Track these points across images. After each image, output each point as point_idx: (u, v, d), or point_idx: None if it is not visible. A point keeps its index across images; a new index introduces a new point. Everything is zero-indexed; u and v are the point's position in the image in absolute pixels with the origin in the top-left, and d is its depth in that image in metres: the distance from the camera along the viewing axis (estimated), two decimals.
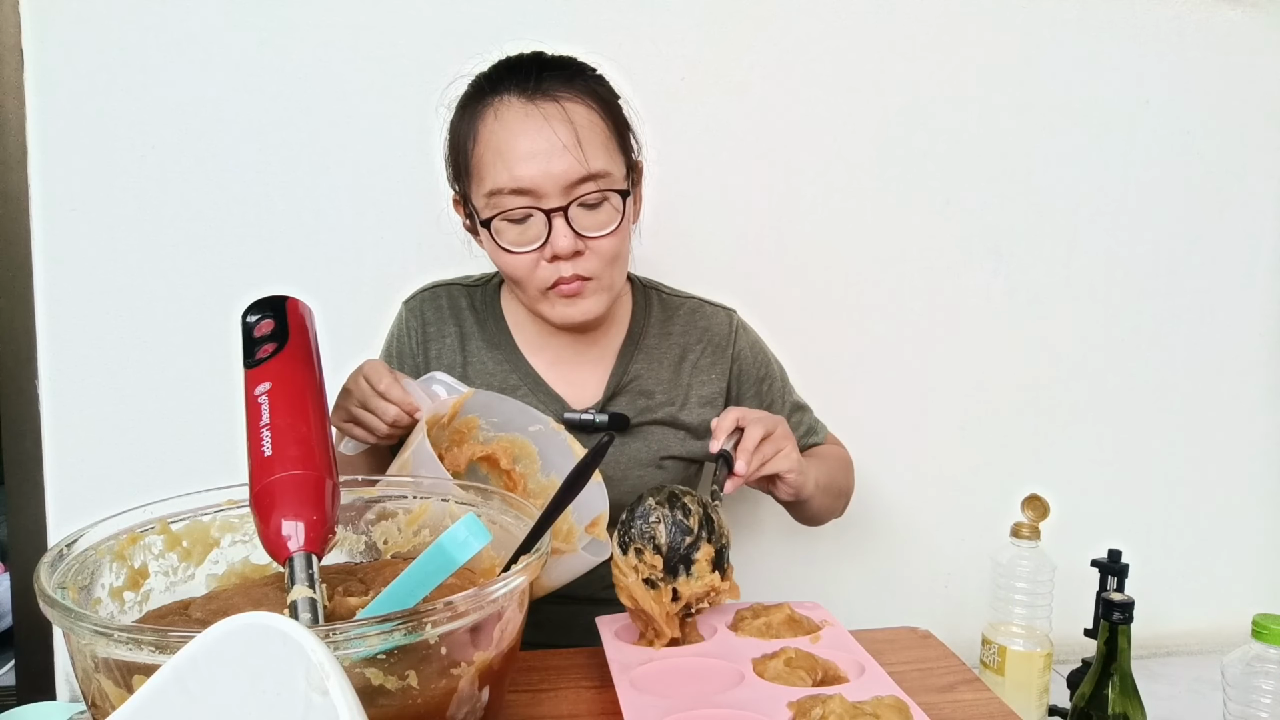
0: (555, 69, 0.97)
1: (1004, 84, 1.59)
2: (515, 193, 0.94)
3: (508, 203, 0.95)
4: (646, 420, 1.13)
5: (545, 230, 0.95)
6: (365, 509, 0.80)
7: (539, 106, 0.94)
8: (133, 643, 0.48)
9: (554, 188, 0.94)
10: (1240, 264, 1.73)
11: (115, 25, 1.34)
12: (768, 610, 0.92)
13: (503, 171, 0.94)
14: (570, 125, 0.94)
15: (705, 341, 1.18)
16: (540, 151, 0.93)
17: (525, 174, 0.93)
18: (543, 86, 0.95)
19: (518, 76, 0.96)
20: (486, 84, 0.97)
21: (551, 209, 0.95)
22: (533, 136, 0.93)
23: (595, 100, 0.98)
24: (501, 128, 0.94)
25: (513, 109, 0.94)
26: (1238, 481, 1.78)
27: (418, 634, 0.51)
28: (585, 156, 0.94)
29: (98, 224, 1.37)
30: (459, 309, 1.15)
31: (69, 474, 1.40)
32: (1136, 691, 0.81)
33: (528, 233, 0.97)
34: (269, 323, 0.70)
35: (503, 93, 0.95)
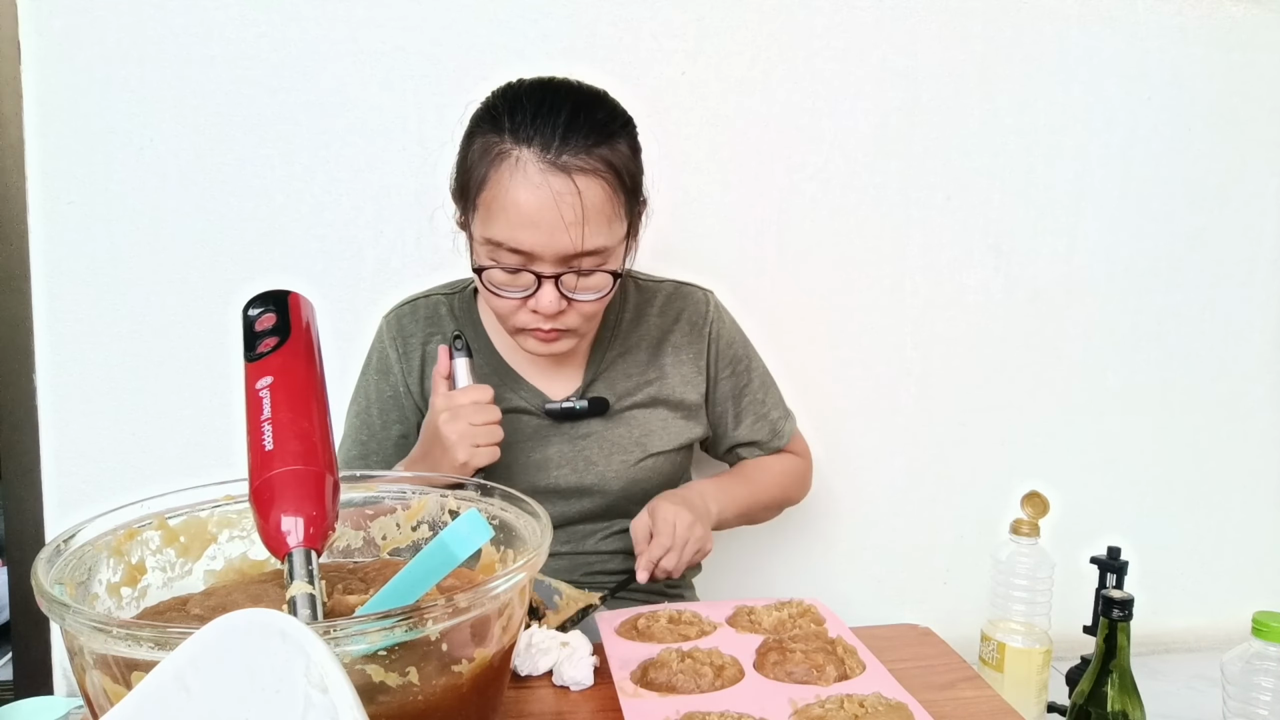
0: (579, 130, 0.94)
1: (1005, 80, 1.59)
2: (513, 251, 0.96)
3: (504, 257, 0.97)
4: (627, 405, 1.15)
5: (534, 286, 0.98)
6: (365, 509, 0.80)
7: (552, 179, 0.93)
8: (131, 639, 0.48)
9: (550, 257, 0.96)
10: (1241, 260, 1.73)
11: (113, 18, 1.33)
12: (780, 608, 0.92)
13: (505, 229, 0.95)
14: (579, 203, 0.94)
15: (683, 321, 1.19)
16: (544, 224, 0.94)
17: (526, 240, 0.95)
18: (564, 154, 0.93)
19: (541, 133, 0.93)
20: (508, 122, 0.95)
21: (544, 274, 0.97)
22: (540, 208, 0.93)
23: (610, 171, 0.96)
24: (514, 187, 0.94)
25: (528, 173, 0.93)
26: (1238, 479, 1.78)
27: (419, 630, 0.51)
28: (586, 235, 0.95)
29: (96, 218, 1.36)
30: (438, 316, 1.16)
31: (66, 469, 1.40)
32: (1136, 689, 0.81)
33: (517, 281, 0.99)
34: (271, 316, 0.70)
35: (524, 145, 0.94)
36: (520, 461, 1.12)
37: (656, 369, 1.17)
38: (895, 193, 1.58)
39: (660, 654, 0.82)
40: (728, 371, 1.21)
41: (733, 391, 1.22)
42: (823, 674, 0.79)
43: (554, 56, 1.43)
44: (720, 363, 1.20)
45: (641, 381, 1.16)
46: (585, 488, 1.12)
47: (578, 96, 0.98)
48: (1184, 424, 1.75)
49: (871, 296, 1.61)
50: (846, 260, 1.59)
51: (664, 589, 1.21)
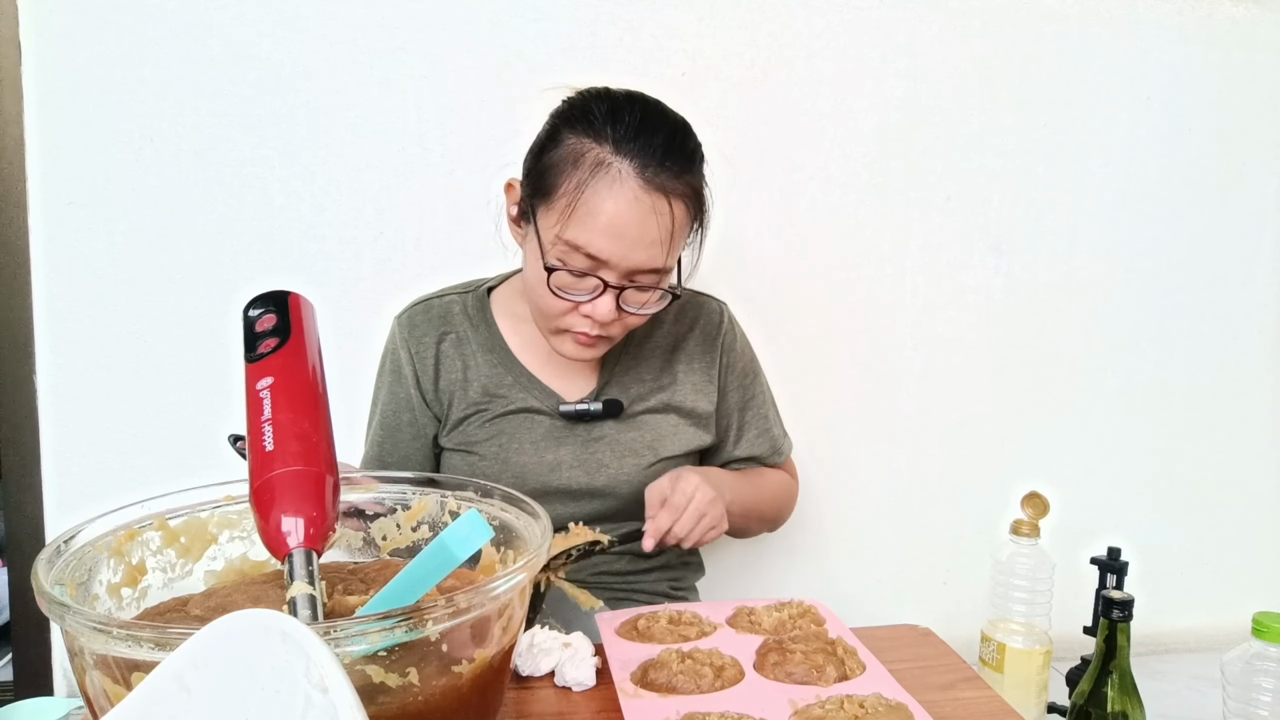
0: (676, 155, 0.97)
1: (1005, 80, 1.59)
2: (588, 258, 0.97)
3: (576, 260, 0.97)
4: (640, 409, 1.15)
5: (594, 291, 0.99)
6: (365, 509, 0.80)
7: (649, 197, 0.95)
8: (131, 639, 0.48)
9: (623, 269, 0.97)
10: (1241, 261, 1.73)
11: (113, 17, 1.33)
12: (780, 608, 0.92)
13: (588, 234, 0.95)
14: (667, 225, 0.96)
15: (697, 330, 1.20)
16: (632, 239, 0.95)
17: (608, 251, 0.96)
18: (661, 174, 0.95)
19: (644, 151, 0.95)
20: (611, 132, 0.96)
21: (610, 283, 0.98)
22: (632, 224, 0.95)
23: (693, 197, 1.00)
24: (609, 197, 0.94)
25: (626, 186, 0.94)
26: (1238, 479, 1.78)
27: (419, 631, 0.51)
28: (664, 255, 0.98)
29: (96, 217, 1.36)
30: (450, 316, 1.16)
31: (67, 469, 1.40)
32: (1136, 689, 0.81)
33: (580, 285, 0.99)
34: (271, 317, 0.70)
35: (625, 157, 0.95)
36: (532, 462, 1.12)
37: (669, 376, 1.17)
38: (895, 193, 1.58)
39: (660, 655, 0.82)
40: (736, 384, 1.22)
41: (739, 404, 1.22)
42: (823, 675, 0.79)
43: (554, 56, 1.44)
44: (730, 374, 1.21)
45: (654, 387, 1.16)
46: (596, 489, 1.12)
47: (673, 122, 1.00)
48: (1184, 424, 1.75)
49: (871, 297, 1.61)
50: (846, 261, 1.59)
51: (668, 590, 1.21)
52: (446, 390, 1.14)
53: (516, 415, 1.12)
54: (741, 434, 1.23)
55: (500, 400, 1.13)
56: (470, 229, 1.46)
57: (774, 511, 1.27)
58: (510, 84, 1.43)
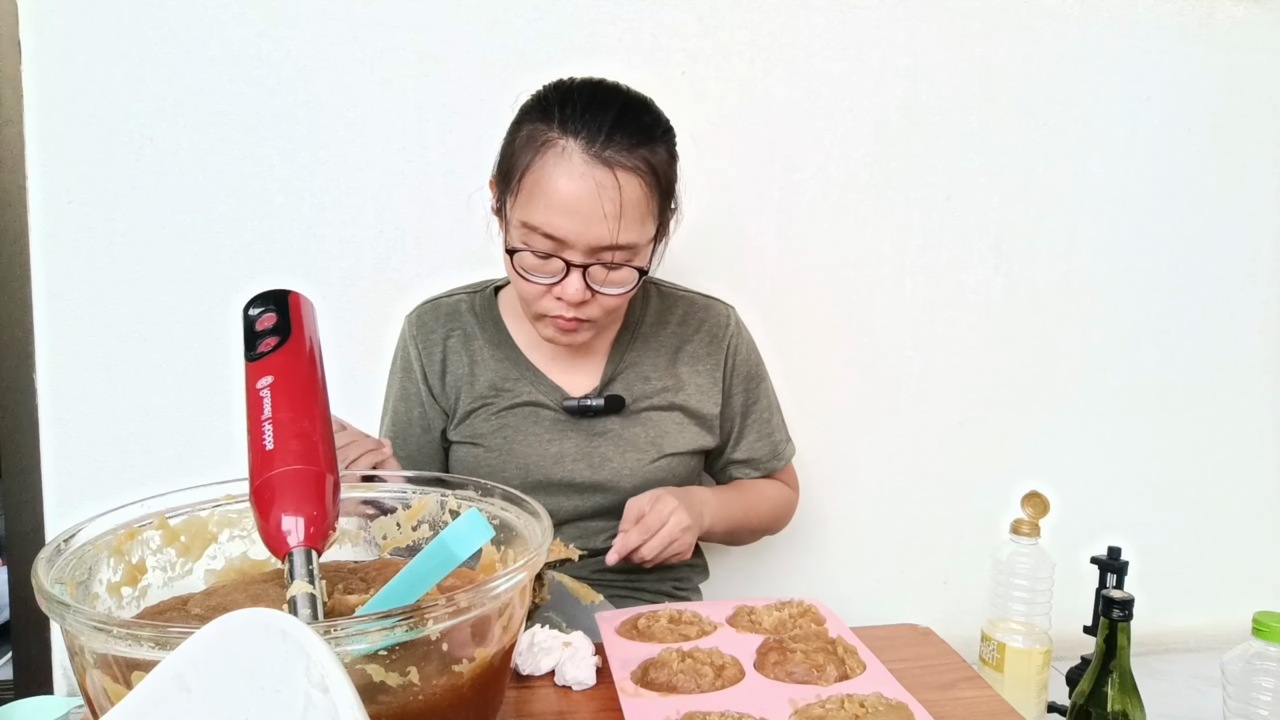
0: (625, 129, 0.98)
1: (1005, 80, 1.59)
2: (546, 236, 0.98)
3: (536, 241, 0.99)
4: (644, 406, 1.16)
5: (562, 272, 1.00)
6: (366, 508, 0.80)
7: (595, 170, 0.96)
8: (131, 638, 0.48)
9: (583, 247, 0.98)
10: (1241, 261, 1.73)
11: (113, 17, 1.33)
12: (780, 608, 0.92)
13: (542, 214, 0.97)
14: (617, 198, 0.97)
15: (703, 332, 1.20)
16: (581, 213, 0.96)
17: (561, 226, 0.97)
18: (608, 148, 0.96)
19: (589, 127, 0.97)
20: (558, 114, 0.98)
21: (573, 263, 0.99)
22: (579, 198, 0.96)
23: (650, 172, 1.00)
24: (556, 174, 0.96)
25: (572, 162, 0.96)
26: (1238, 478, 1.78)
27: (419, 630, 0.51)
28: (620, 229, 0.98)
29: (96, 216, 1.36)
30: (458, 313, 1.18)
31: (67, 468, 1.40)
32: (1136, 689, 0.81)
33: (545, 267, 1.01)
34: (271, 316, 0.70)
35: (570, 135, 0.97)
36: (536, 454, 1.13)
37: (674, 376, 1.18)
38: (895, 193, 1.58)
39: (660, 654, 0.82)
40: (741, 387, 1.22)
41: (742, 407, 1.23)
42: (823, 674, 0.79)
43: (554, 56, 1.44)
44: (735, 377, 1.21)
45: (659, 386, 1.17)
46: (598, 484, 1.13)
47: (626, 98, 1.01)
48: (1184, 424, 1.75)
49: (871, 296, 1.61)
50: (846, 260, 1.59)
51: (671, 590, 1.22)
52: (453, 386, 1.15)
53: (522, 409, 1.13)
54: (742, 436, 1.23)
55: (506, 394, 1.14)
56: (470, 228, 1.45)
57: (765, 524, 1.27)
58: (510, 84, 1.43)
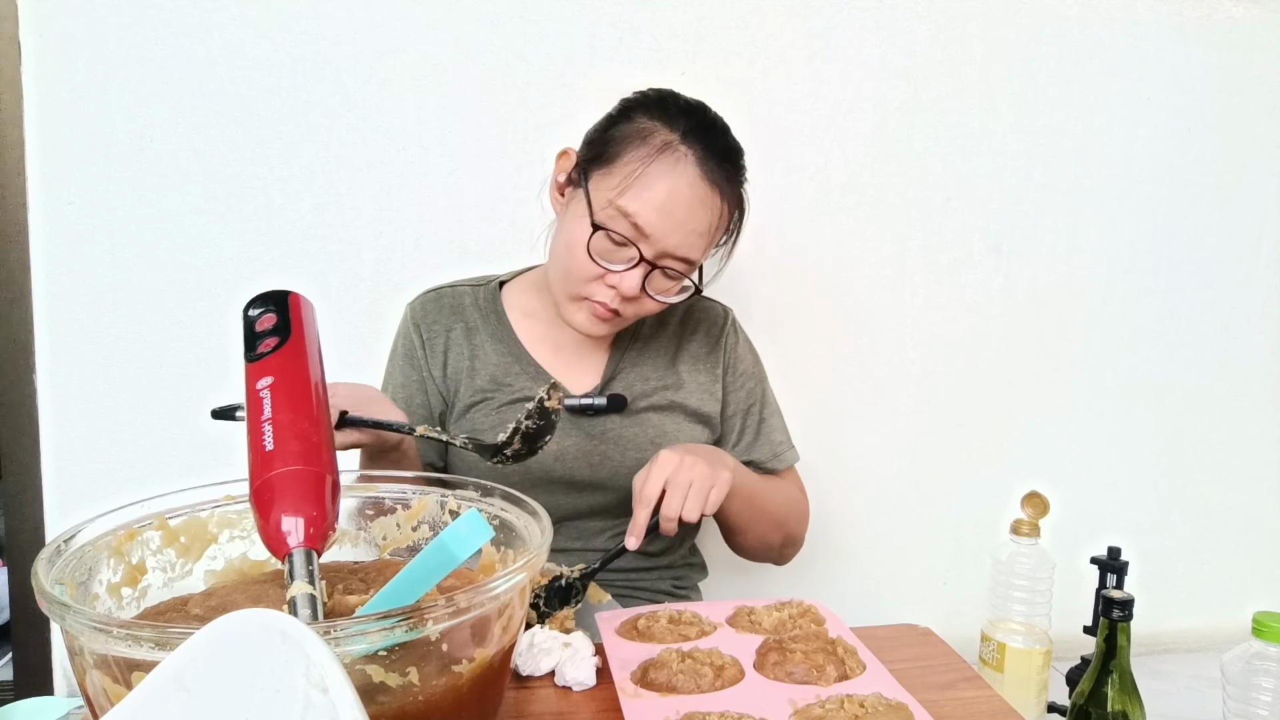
0: (733, 159, 1.04)
1: (1005, 80, 1.59)
2: (634, 227, 1.00)
3: (622, 226, 1.01)
4: (644, 406, 1.16)
5: (627, 264, 1.02)
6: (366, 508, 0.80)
7: (704, 188, 1.01)
8: (131, 639, 0.48)
9: (660, 248, 1.01)
10: (1241, 261, 1.73)
11: (113, 18, 1.33)
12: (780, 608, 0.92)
13: (640, 207, 0.99)
14: (713, 218, 1.03)
15: (701, 332, 1.21)
16: (679, 220, 1.00)
17: (655, 226, 1.00)
18: (719, 171, 1.02)
19: (707, 146, 1.01)
20: (682, 123, 1.02)
21: (645, 259, 1.01)
22: (683, 206, 1.00)
23: (737, 205, 1.07)
24: (668, 179, 0.99)
25: (687, 171, 1.00)
26: (1238, 479, 1.78)
27: (419, 630, 0.51)
28: (701, 247, 1.04)
29: (96, 218, 1.36)
30: (462, 306, 1.18)
31: (67, 469, 1.40)
32: (1136, 689, 0.81)
33: (617, 254, 1.02)
34: (271, 317, 0.70)
35: (691, 146, 1.00)
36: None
37: (674, 376, 1.18)
38: (895, 193, 1.58)
39: (660, 654, 0.82)
40: (738, 386, 1.22)
41: (741, 408, 1.22)
42: (823, 674, 0.79)
43: (554, 57, 1.44)
44: (732, 376, 1.21)
45: (659, 386, 1.17)
46: (598, 483, 1.13)
47: (733, 137, 1.07)
48: (1184, 424, 1.75)
49: (871, 296, 1.61)
50: (846, 260, 1.59)
51: (671, 589, 1.21)
52: (454, 377, 1.15)
53: (523, 405, 1.13)
54: (741, 437, 1.22)
55: (507, 389, 1.14)
56: (470, 229, 1.46)
57: (781, 515, 1.19)
58: (510, 84, 1.43)
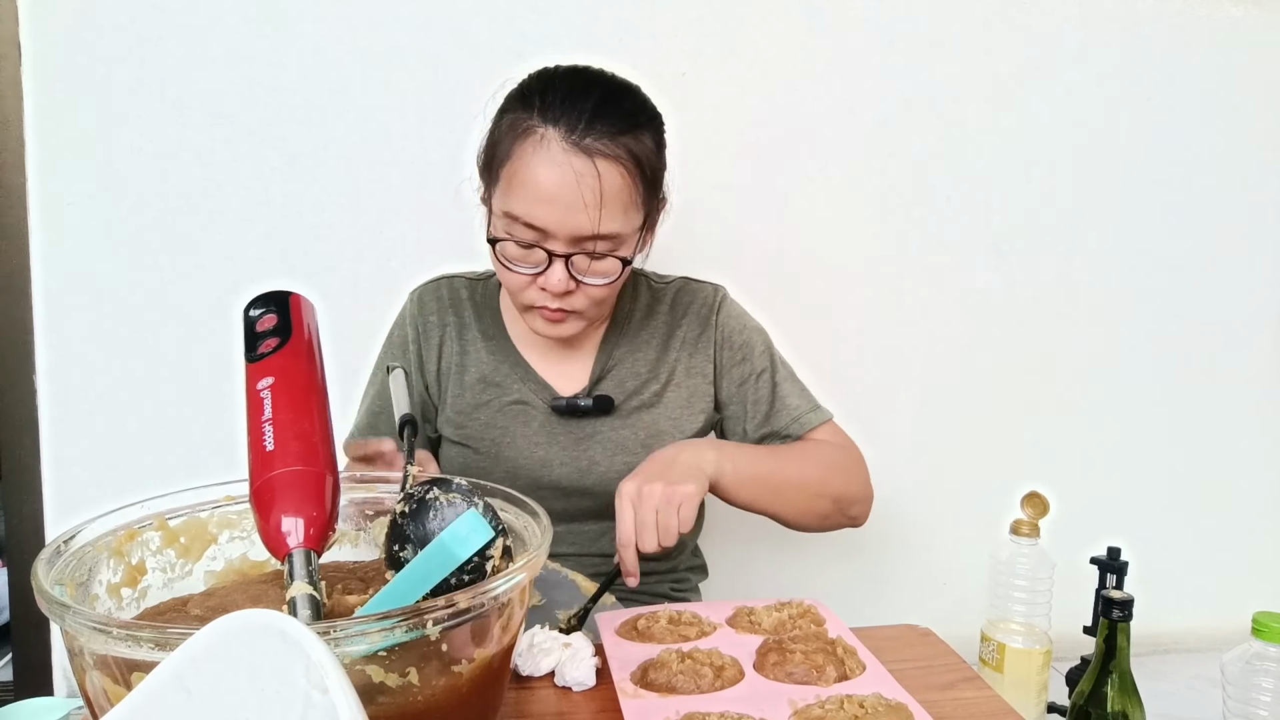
0: (607, 116, 0.96)
1: (1005, 80, 1.59)
2: (528, 226, 0.97)
3: (518, 231, 0.98)
4: (635, 404, 1.14)
5: (545, 263, 0.99)
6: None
7: (574, 159, 0.95)
8: (131, 639, 0.48)
9: (564, 236, 0.97)
10: (1242, 261, 1.73)
11: (113, 20, 1.33)
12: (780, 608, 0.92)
13: (522, 204, 0.97)
14: (597, 186, 0.95)
15: (691, 314, 1.18)
16: (561, 202, 0.95)
17: (541, 216, 0.96)
18: (588, 137, 0.95)
19: (569, 114, 0.95)
20: (539, 102, 0.97)
21: (555, 253, 0.98)
22: (559, 186, 0.95)
23: (632, 161, 0.98)
24: (536, 164, 0.95)
25: (551, 150, 0.95)
26: (1238, 479, 1.78)
27: (419, 631, 0.51)
28: (601, 218, 0.96)
29: (96, 219, 1.36)
30: (459, 301, 1.18)
31: (67, 469, 1.40)
32: (1136, 689, 0.81)
33: (529, 257, 1.00)
34: (272, 317, 0.70)
35: (550, 124, 0.95)
36: (524, 458, 1.12)
37: (666, 364, 1.16)
38: (896, 193, 1.58)
39: (660, 654, 0.82)
40: (738, 358, 1.17)
41: (742, 378, 1.17)
42: (823, 674, 0.79)
43: (554, 57, 1.43)
44: (728, 351, 1.17)
45: (650, 378, 1.15)
46: (586, 488, 1.12)
47: (609, 85, 1.00)
48: (1184, 424, 1.75)
49: (871, 297, 1.61)
50: (846, 260, 1.59)
51: (669, 592, 1.21)
52: (444, 373, 1.15)
53: (511, 408, 1.13)
54: (757, 408, 1.16)
55: (496, 389, 1.13)
56: (470, 229, 1.46)
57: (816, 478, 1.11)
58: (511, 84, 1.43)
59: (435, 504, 0.67)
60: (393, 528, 0.68)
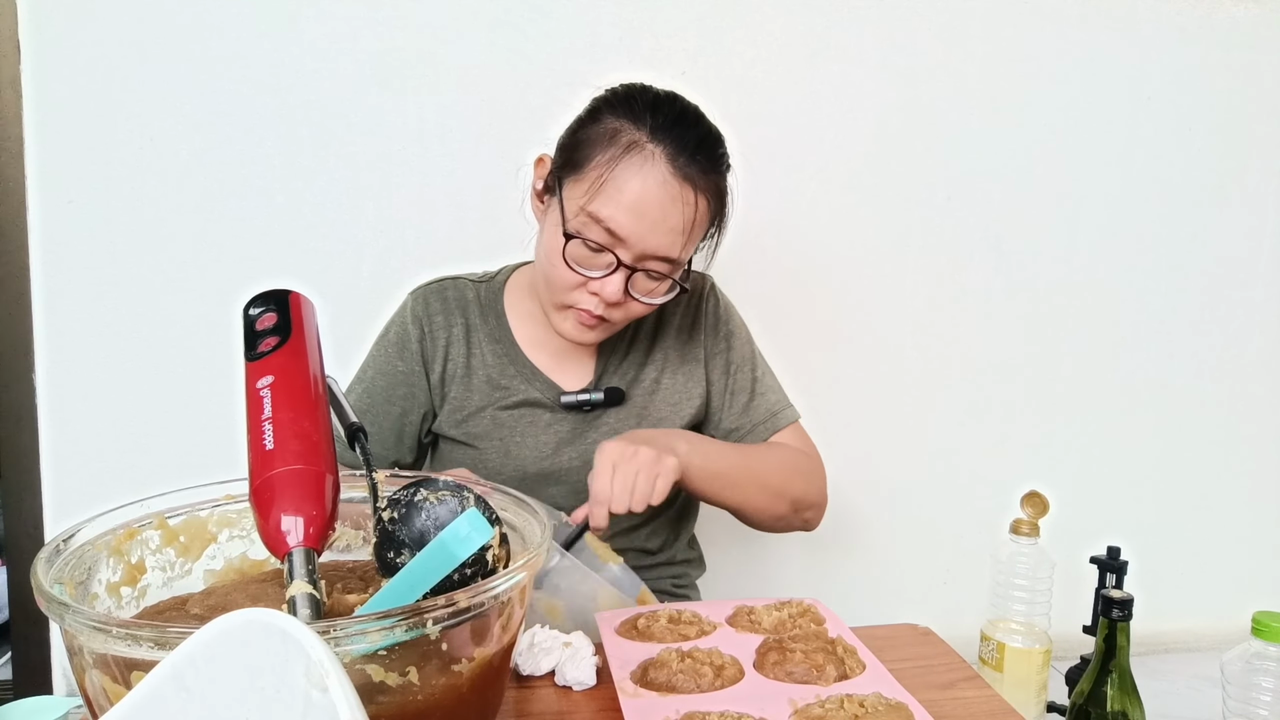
0: (708, 152, 1.00)
1: (1005, 80, 1.59)
2: (608, 231, 0.98)
3: (595, 232, 0.99)
4: (639, 393, 1.16)
5: (606, 270, 1.00)
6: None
7: (676, 185, 0.97)
8: (131, 638, 0.48)
9: (638, 250, 0.99)
10: (1241, 261, 1.73)
11: (113, 17, 1.33)
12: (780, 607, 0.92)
13: (612, 209, 0.97)
14: (690, 213, 0.99)
15: (683, 303, 1.20)
16: (652, 221, 0.97)
17: (628, 229, 0.97)
18: (691, 165, 0.98)
19: (677, 140, 0.98)
20: (649, 119, 0.98)
21: (624, 262, 0.99)
22: (655, 206, 0.97)
23: (716, 196, 1.02)
24: (638, 179, 0.97)
25: (656, 170, 0.97)
26: (1237, 479, 1.78)
27: (419, 630, 0.51)
28: (680, 245, 1.00)
29: (95, 217, 1.36)
30: (465, 302, 1.17)
31: (66, 468, 1.40)
32: (1135, 688, 0.81)
33: (595, 260, 1.00)
34: (271, 316, 0.70)
35: (659, 143, 0.97)
36: (532, 454, 1.12)
37: (660, 351, 1.18)
38: (896, 193, 1.58)
39: (660, 654, 0.82)
40: (721, 345, 1.19)
41: (725, 367, 1.19)
42: (823, 674, 0.79)
43: (554, 56, 1.44)
44: (714, 340, 1.19)
45: (646, 365, 1.17)
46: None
47: (708, 124, 1.03)
48: (1184, 424, 1.75)
49: (871, 297, 1.61)
50: (846, 260, 1.59)
51: (670, 588, 1.21)
52: (450, 376, 1.14)
53: (519, 409, 1.13)
54: (734, 400, 1.19)
55: (503, 391, 1.13)
56: (470, 229, 1.46)
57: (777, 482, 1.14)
58: (510, 84, 1.43)
59: (425, 504, 0.66)
60: (383, 535, 0.66)
